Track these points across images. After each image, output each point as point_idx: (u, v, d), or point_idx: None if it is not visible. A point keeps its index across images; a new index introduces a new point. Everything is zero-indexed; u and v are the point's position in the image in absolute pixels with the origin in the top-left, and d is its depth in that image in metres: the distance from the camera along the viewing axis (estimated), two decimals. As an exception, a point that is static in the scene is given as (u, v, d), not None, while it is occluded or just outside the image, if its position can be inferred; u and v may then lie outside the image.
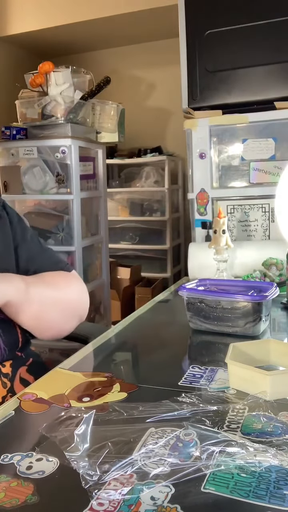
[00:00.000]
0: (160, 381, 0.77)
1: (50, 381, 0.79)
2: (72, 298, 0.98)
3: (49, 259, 1.00)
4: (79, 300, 0.99)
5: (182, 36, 1.74)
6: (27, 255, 0.95)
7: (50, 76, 2.23)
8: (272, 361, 0.82)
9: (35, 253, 0.97)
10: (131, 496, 0.47)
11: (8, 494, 0.49)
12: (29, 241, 0.97)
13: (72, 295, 0.98)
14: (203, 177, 1.73)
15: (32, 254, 0.96)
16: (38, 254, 0.98)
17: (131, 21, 3.50)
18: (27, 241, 0.96)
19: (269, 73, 1.65)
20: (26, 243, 0.96)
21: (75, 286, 0.99)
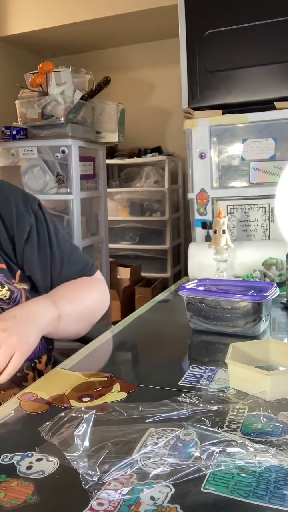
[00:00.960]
0: (160, 381, 0.77)
1: (50, 381, 0.79)
2: (93, 307, 1.02)
3: (77, 263, 1.03)
4: (98, 308, 1.04)
5: (182, 36, 1.74)
6: (60, 257, 0.99)
7: (50, 76, 2.23)
8: (272, 361, 0.82)
9: (66, 255, 1.01)
10: (131, 496, 0.47)
11: (8, 494, 0.49)
12: (61, 243, 1.01)
13: (93, 304, 1.02)
14: (203, 177, 1.73)
15: (63, 257, 1.00)
16: (69, 256, 1.01)
17: (131, 21, 3.50)
18: (60, 242, 1.00)
19: (269, 73, 1.65)
20: (60, 245, 1.00)
21: (96, 294, 1.03)
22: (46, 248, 0.97)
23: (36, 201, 1.02)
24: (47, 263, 0.97)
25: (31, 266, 0.95)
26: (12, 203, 0.96)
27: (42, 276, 0.97)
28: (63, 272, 1.00)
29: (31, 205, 0.99)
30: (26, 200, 0.99)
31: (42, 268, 0.97)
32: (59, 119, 2.25)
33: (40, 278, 0.96)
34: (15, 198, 0.98)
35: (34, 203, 1.00)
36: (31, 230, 0.96)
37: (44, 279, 0.97)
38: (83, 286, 1.01)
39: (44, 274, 0.97)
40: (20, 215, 0.96)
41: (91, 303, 1.01)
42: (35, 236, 0.97)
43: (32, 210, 0.98)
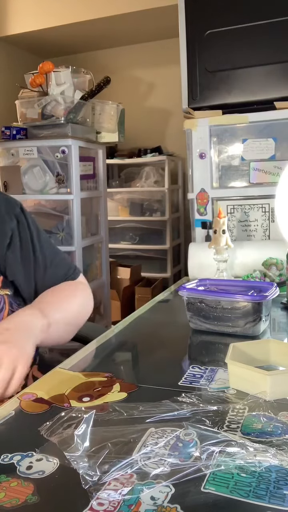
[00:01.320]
0: (160, 381, 0.77)
1: (50, 381, 0.79)
2: (79, 312, 1.01)
3: (61, 267, 1.03)
4: (83, 312, 1.03)
5: (182, 36, 1.74)
6: (43, 261, 0.98)
7: (50, 76, 2.23)
8: (272, 361, 0.82)
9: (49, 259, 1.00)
10: (131, 496, 0.47)
11: (8, 494, 0.49)
12: (44, 246, 1.00)
13: (79, 309, 1.01)
14: (203, 177, 1.73)
15: (46, 261, 0.99)
16: (52, 260, 1.01)
17: (131, 21, 3.50)
18: (43, 246, 1.00)
19: (269, 73, 1.65)
20: (42, 248, 0.99)
21: (81, 299, 1.03)
22: (29, 253, 0.97)
23: (18, 205, 1.00)
24: (30, 268, 0.96)
25: (14, 271, 0.94)
26: None
27: (25, 281, 0.96)
28: (46, 276, 0.99)
29: (12, 210, 0.98)
30: (8, 204, 0.98)
31: (25, 272, 0.96)
32: (59, 119, 2.25)
33: (23, 282, 0.96)
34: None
35: (16, 207, 0.99)
36: (13, 234, 0.95)
37: (28, 283, 0.96)
38: (68, 292, 1.00)
39: (27, 279, 0.96)
40: (1, 220, 0.95)
41: (77, 308, 1.00)
42: (17, 241, 0.96)
43: (14, 215, 0.97)
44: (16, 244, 0.95)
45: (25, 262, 0.96)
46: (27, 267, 0.96)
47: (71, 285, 1.03)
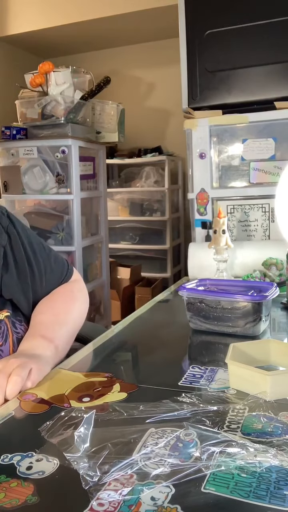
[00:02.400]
0: (160, 381, 0.77)
1: (50, 381, 0.79)
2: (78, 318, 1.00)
3: (56, 270, 1.01)
4: (82, 317, 1.02)
5: (182, 36, 1.74)
6: (39, 271, 0.96)
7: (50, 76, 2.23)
8: (272, 361, 0.82)
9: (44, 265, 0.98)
10: (131, 496, 0.47)
11: (8, 495, 0.49)
12: (37, 253, 0.97)
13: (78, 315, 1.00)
14: (203, 177, 1.73)
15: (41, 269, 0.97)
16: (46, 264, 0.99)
17: (131, 21, 3.50)
18: (36, 253, 0.97)
19: (269, 73, 1.65)
20: (36, 257, 0.96)
21: (78, 305, 1.02)
22: (25, 267, 0.93)
23: (5, 214, 0.94)
24: (27, 282, 0.93)
25: (11, 290, 0.91)
26: None
27: (23, 297, 0.93)
28: (43, 285, 0.97)
29: (1, 222, 0.92)
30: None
31: (23, 289, 0.93)
32: (59, 119, 2.25)
33: (22, 299, 0.92)
34: None
35: (3, 217, 0.93)
36: (6, 251, 0.90)
37: (26, 297, 0.93)
38: (65, 303, 0.98)
39: (25, 294, 0.93)
40: None
41: (76, 314, 0.99)
42: (11, 259, 0.91)
43: (3, 227, 0.91)
44: (10, 262, 0.91)
45: (22, 278, 0.92)
46: (24, 283, 0.93)
47: (67, 290, 1.01)
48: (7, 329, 0.87)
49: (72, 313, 0.98)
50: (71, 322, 0.97)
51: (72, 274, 1.06)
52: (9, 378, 0.72)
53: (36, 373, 0.76)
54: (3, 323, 0.88)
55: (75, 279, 1.06)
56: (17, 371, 0.73)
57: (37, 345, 0.85)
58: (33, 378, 0.75)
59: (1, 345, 0.85)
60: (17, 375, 0.72)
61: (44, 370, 0.79)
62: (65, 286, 1.03)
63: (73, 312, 0.99)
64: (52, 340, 0.87)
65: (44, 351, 0.84)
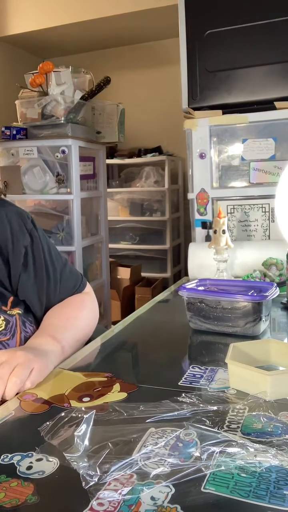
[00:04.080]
0: (160, 381, 0.77)
1: (50, 381, 0.79)
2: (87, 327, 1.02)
3: (70, 280, 1.03)
4: (91, 327, 1.04)
5: (182, 36, 1.74)
6: (54, 278, 0.98)
7: (50, 76, 2.23)
8: (272, 361, 0.82)
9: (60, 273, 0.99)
10: (131, 496, 0.47)
11: (8, 494, 0.49)
12: (54, 261, 0.99)
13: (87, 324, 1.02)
14: (203, 177, 1.73)
15: (57, 276, 0.99)
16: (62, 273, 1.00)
17: (131, 21, 3.50)
18: (53, 260, 0.99)
19: (269, 73, 1.65)
20: (53, 264, 0.98)
21: (87, 314, 1.03)
22: (42, 271, 0.95)
23: (29, 218, 0.98)
24: (43, 286, 0.95)
25: (26, 291, 0.92)
26: (6, 223, 0.91)
27: (37, 299, 0.94)
28: (57, 292, 0.98)
29: (25, 224, 0.95)
30: (20, 219, 0.95)
31: (38, 291, 0.94)
32: (59, 119, 2.25)
33: (35, 301, 0.94)
34: (9, 217, 0.93)
35: (28, 221, 0.96)
36: (27, 252, 0.93)
37: (40, 301, 0.95)
38: (76, 309, 1.00)
39: (40, 297, 0.95)
40: (15, 237, 0.91)
41: (85, 323, 1.01)
42: (31, 259, 0.93)
43: (27, 230, 0.94)
44: (30, 263, 0.93)
45: (38, 280, 0.94)
46: (40, 285, 0.94)
47: (78, 299, 1.03)
48: (15, 325, 0.88)
49: (81, 320, 1.00)
50: (79, 328, 0.98)
51: (85, 287, 1.07)
52: (9, 378, 0.72)
53: (37, 373, 0.76)
54: (14, 319, 0.89)
55: (87, 291, 1.08)
56: (17, 372, 0.73)
57: (45, 343, 0.86)
58: (33, 379, 0.75)
59: (8, 339, 0.86)
60: (17, 376, 0.72)
61: (46, 370, 0.79)
62: (77, 296, 1.04)
63: (82, 319, 1.00)
64: (59, 341, 0.88)
65: (51, 349, 0.85)
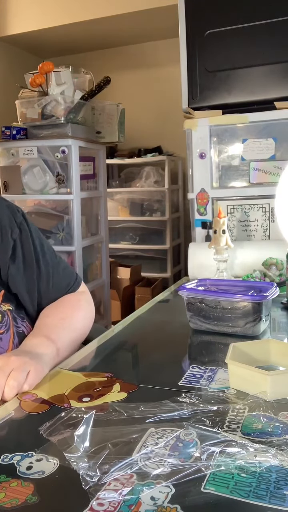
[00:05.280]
0: (160, 381, 0.77)
1: (50, 381, 0.79)
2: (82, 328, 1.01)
3: (64, 278, 1.02)
4: (86, 327, 1.03)
5: (182, 36, 1.74)
6: (46, 272, 0.97)
7: (50, 76, 2.23)
8: (272, 361, 0.82)
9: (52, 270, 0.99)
10: (131, 496, 0.47)
11: (8, 494, 0.49)
12: (46, 255, 0.98)
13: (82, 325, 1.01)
14: (203, 177, 1.73)
15: (49, 272, 0.98)
16: (55, 270, 1.00)
17: (131, 21, 3.50)
18: (45, 255, 0.98)
19: (269, 73, 1.65)
20: (45, 258, 0.98)
21: (83, 314, 1.02)
22: (32, 264, 0.94)
23: (20, 212, 0.97)
24: (33, 279, 0.94)
25: (16, 284, 0.92)
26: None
27: (28, 293, 0.94)
28: (50, 288, 0.98)
29: (14, 217, 0.95)
30: (10, 211, 0.95)
31: (28, 284, 0.94)
32: (59, 119, 2.25)
33: (26, 295, 0.94)
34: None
35: (18, 215, 0.96)
36: (16, 244, 0.92)
37: (31, 296, 0.95)
38: (71, 310, 0.99)
39: (30, 291, 0.94)
40: (4, 229, 0.91)
41: (81, 324, 1.00)
42: (20, 252, 0.93)
43: (16, 223, 0.94)
44: (19, 255, 0.93)
45: (28, 273, 0.94)
46: (30, 278, 0.94)
47: (74, 299, 1.02)
48: (8, 321, 0.88)
49: (77, 320, 0.99)
50: (75, 329, 0.97)
51: (80, 286, 1.07)
52: (6, 382, 0.72)
53: (33, 375, 0.76)
54: (5, 314, 0.89)
55: (82, 291, 1.07)
56: (14, 375, 0.73)
57: (40, 344, 0.86)
58: (30, 381, 0.75)
59: (3, 333, 0.86)
60: (14, 379, 0.72)
61: (42, 372, 0.79)
62: (73, 295, 1.03)
63: (78, 320, 0.99)
64: (54, 341, 0.88)
65: (46, 350, 0.84)
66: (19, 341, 0.88)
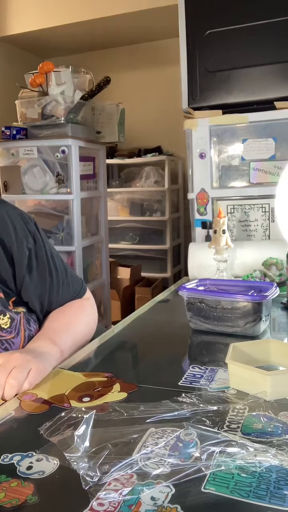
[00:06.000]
0: (160, 381, 0.77)
1: (50, 381, 0.79)
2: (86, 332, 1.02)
3: (72, 285, 1.03)
4: (89, 332, 1.04)
5: (182, 36, 1.74)
6: (57, 281, 0.98)
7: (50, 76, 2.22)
8: (272, 361, 0.82)
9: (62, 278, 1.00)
10: (131, 496, 0.47)
11: (8, 494, 0.49)
12: (57, 264, 0.99)
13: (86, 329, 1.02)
14: (203, 177, 1.73)
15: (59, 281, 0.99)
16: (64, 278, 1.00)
17: (131, 21, 3.50)
18: (56, 264, 0.99)
19: (269, 73, 1.65)
20: (56, 267, 0.98)
21: (86, 320, 1.04)
22: (45, 274, 0.95)
23: (32, 221, 0.98)
24: (46, 289, 0.95)
25: (29, 293, 0.93)
26: (9, 225, 0.91)
27: (39, 302, 0.95)
28: (59, 296, 0.99)
29: (28, 227, 0.95)
30: (24, 221, 0.95)
31: (41, 294, 0.95)
32: (59, 119, 2.25)
33: (37, 303, 0.95)
34: (11, 216, 0.93)
35: (31, 223, 0.97)
36: (30, 254, 0.93)
37: (41, 303, 0.96)
38: (75, 314, 1.01)
39: (41, 300, 0.95)
40: (19, 240, 0.92)
41: (84, 328, 1.01)
42: (34, 262, 0.94)
43: (30, 232, 0.95)
44: (33, 265, 0.94)
45: (41, 283, 0.95)
46: (43, 288, 0.95)
47: (78, 304, 1.03)
48: (19, 323, 0.89)
49: (81, 325, 1.00)
50: (78, 333, 0.98)
51: (85, 292, 1.08)
52: (6, 380, 0.72)
53: (34, 374, 0.76)
54: (18, 317, 0.89)
55: (87, 297, 1.08)
56: (14, 374, 0.73)
57: (44, 345, 0.87)
58: (31, 380, 0.75)
59: (13, 337, 0.87)
60: (14, 378, 0.73)
61: (44, 370, 0.79)
62: (78, 301, 1.04)
63: (81, 324, 1.01)
64: (58, 344, 0.89)
65: (50, 351, 0.85)
66: None
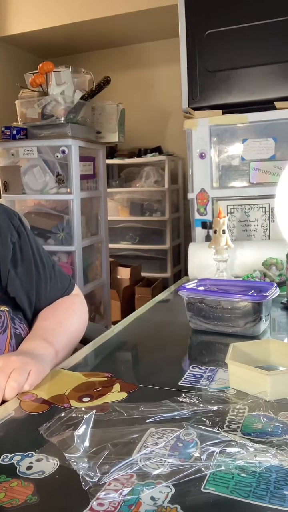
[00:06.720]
0: (160, 381, 0.77)
1: (50, 381, 0.79)
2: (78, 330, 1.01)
3: (59, 281, 1.03)
4: (82, 329, 1.03)
5: (182, 36, 1.74)
6: (44, 276, 0.98)
7: (50, 76, 2.23)
8: (272, 361, 0.82)
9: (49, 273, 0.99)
10: (131, 496, 0.47)
11: (8, 494, 0.49)
12: (43, 258, 0.99)
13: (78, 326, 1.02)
14: (203, 177, 1.73)
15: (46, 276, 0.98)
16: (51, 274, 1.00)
17: (131, 21, 3.50)
18: (43, 258, 0.99)
19: (269, 73, 1.65)
20: (43, 261, 0.98)
21: (78, 316, 1.03)
22: (31, 268, 0.95)
23: (16, 216, 0.98)
24: (32, 283, 0.95)
25: (16, 288, 0.92)
26: None
27: (27, 297, 0.94)
28: (47, 291, 0.98)
29: (12, 221, 0.95)
30: (8, 216, 0.95)
31: (28, 288, 0.94)
32: (59, 119, 2.25)
33: (25, 298, 0.94)
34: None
35: (15, 218, 0.96)
36: (15, 248, 0.93)
37: (29, 299, 0.95)
38: (67, 313, 1.00)
39: (29, 294, 0.94)
40: (3, 233, 0.91)
41: (76, 326, 1.01)
42: (19, 256, 0.94)
43: (14, 227, 0.94)
44: (18, 259, 0.93)
45: (28, 277, 0.94)
46: (30, 283, 0.94)
47: (68, 302, 1.03)
48: (6, 321, 0.89)
49: (73, 324, 1.00)
50: (71, 332, 0.98)
51: (74, 288, 1.07)
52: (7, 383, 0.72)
53: (34, 376, 0.76)
54: (4, 314, 0.89)
55: (76, 293, 1.08)
56: (14, 376, 0.73)
57: (39, 346, 0.86)
58: (30, 382, 0.75)
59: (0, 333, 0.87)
60: (14, 380, 0.72)
61: (43, 372, 0.79)
62: (67, 298, 1.04)
63: (73, 323, 1.00)
64: (53, 344, 0.88)
65: (45, 352, 0.85)
66: (16, 342, 0.88)
